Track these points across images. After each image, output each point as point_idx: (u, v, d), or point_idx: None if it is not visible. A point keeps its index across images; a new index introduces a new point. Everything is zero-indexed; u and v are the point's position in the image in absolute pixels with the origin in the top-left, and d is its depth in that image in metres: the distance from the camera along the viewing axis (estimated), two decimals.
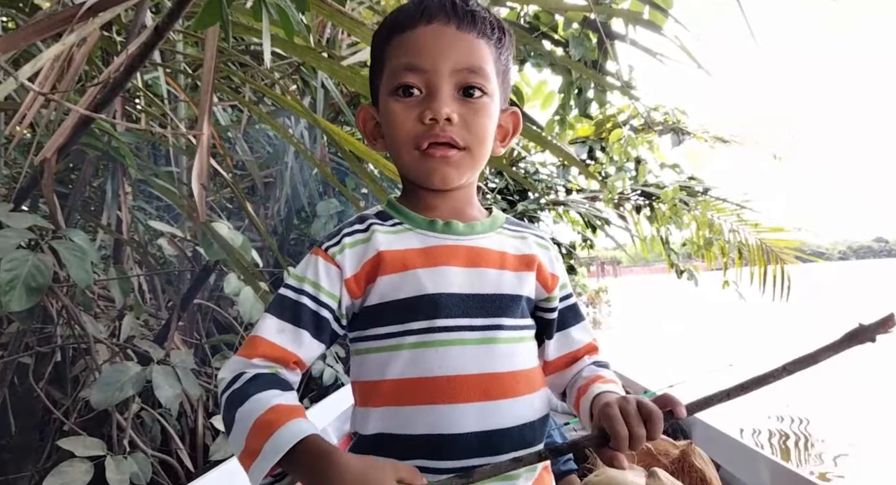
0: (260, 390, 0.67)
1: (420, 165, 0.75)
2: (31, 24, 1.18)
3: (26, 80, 1.07)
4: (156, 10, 2.03)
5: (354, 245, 0.75)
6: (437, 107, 0.72)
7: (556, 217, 5.75)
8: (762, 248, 5.33)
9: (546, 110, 3.88)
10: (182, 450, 2.11)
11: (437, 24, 0.74)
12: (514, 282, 0.77)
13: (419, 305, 0.72)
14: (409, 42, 0.74)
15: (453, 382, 0.70)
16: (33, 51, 1.70)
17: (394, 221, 0.78)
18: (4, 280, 1.33)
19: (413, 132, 0.73)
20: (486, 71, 0.75)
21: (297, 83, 2.92)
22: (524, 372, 0.75)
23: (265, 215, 3.35)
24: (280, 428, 0.63)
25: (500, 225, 0.82)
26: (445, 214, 0.78)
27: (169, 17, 1.26)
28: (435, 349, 0.71)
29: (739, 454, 1.70)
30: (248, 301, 1.96)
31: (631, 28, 2.35)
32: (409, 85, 0.73)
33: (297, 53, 1.83)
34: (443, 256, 0.75)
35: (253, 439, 0.64)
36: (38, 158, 1.43)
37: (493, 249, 0.78)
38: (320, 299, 0.73)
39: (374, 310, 0.74)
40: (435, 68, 0.73)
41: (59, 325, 1.93)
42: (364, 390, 0.75)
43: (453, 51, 0.73)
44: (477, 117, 0.74)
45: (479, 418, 0.70)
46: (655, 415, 0.64)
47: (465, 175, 0.77)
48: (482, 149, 0.77)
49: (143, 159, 2.36)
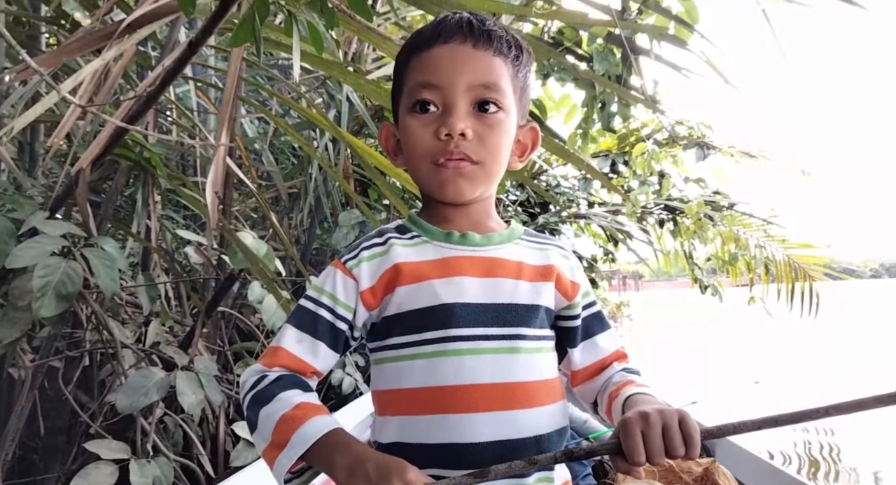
0: (284, 390, 0.71)
1: (434, 178, 0.77)
2: (74, 41, 1.23)
3: (67, 93, 1.11)
4: (189, 26, 2.10)
5: (372, 258, 0.77)
6: (451, 122, 0.73)
7: (577, 230, 5.72)
8: (790, 264, 5.23)
9: (569, 123, 3.89)
10: (203, 455, 2.13)
11: (454, 44, 0.76)
12: (530, 292, 0.77)
13: (434, 314, 0.73)
14: (427, 61, 0.77)
15: (469, 391, 0.71)
16: (72, 65, 1.76)
17: (412, 233, 0.80)
18: (37, 286, 1.37)
19: (430, 148, 0.75)
20: (502, 87, 0.76)
21: (322, 97, 2.98)
22: (541, 382, 0.75)
23: (289, 225, 3.40)
24: (307, 422, 0.67)
25: (519, 236, 0.83)
26: (463, 227, 0.80)
27: (202, 33, 1.30)
28: (450, 358, 0.72)
29: (765, 474, 1.67)
30: (271, 309, 1.99)
31: (655, 43, 2.35)
32: (426, 101, 0.75)
33: (323, 68, 1.87)
34: (458, 266, 0.76)
35: (279, 433, 0.67)
36: (75, 168, 1.48)
37: (510, 260, 0.79)
38: (337, 312, 0.76)
39: (391, 320, 0.76)
40: (450, 85, 0.75)
41: (87, 330, 1.97)
42: (382, 399, 0.77)
43: (469, 68, 0.75)
44: (492, 132, 0.76)
45: (495, 428, 0.70)
46: (678, 433, 0.62)
47: (479, 188, 0.78)
48: (496, 163, 0.78)
49: (172, 170, 2.42)
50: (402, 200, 2.15)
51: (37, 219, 1.49)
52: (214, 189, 1.50)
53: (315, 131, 3.14)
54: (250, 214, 3.53)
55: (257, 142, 2.86)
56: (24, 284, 1.51)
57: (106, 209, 1.94)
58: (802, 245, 5.27)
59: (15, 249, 1.39)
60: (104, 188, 2.25)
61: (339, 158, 3.15)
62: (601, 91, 2.76)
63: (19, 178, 1.75)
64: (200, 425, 2.32)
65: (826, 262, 5.24)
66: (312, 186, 3.10)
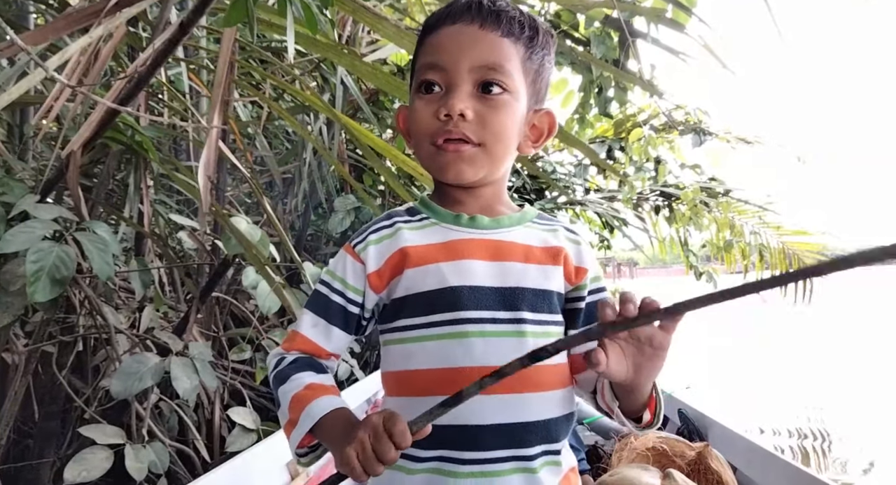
0: (298, 371, 0.75)
1: (435, 160, 0.77)
2: (61, 18, 1.20)
3: (53, 71, 1.09)
4: (180, 6, 2.06)
5: (380, 241, 0.78)
6: (452, 103, 0.73)
7: (573, 217, 5.72)
8: (784, 251, 5.24)
9: (566, 108, 3.87)
10: (199, 440, 2.14)
11: (461, 24, 0.76)
12: (539, 276, 0.77)
13: (442, 297, 0.73)
14: (434, 42, 0.77)
15: (477, 373, 0.68)
16: (60, 45, 1.73)
17: (422, 215, 0.81)
18: (30, 271, 1.36)
19: (430, 128, 0.75)
20: (508, 69, 0.75)
21: (316, 80, 2.94)
22: (551, 367, 0.75)
23: (283, 211, 3.38)
24: (314, 401, 0.70)
25: (530, 219, 0.83)
26: (473, 210, 0.80)
27: (194, 14, 1.28)
28: (459, 341, 0.72)
29: (757, 457, 1.68)
30: (265, 294, 1.98)
31: (653, 27, 2.33)
32: (431, 82, 0.76)
33: (318, 50, 1.84)
34: (465, 249, 0.76)
35: (292, 411, 0.71)
36: (65, 151, 1.46)
37: (518, 243, 0.78)
38: (347, 295, 0.78)
39: (400, 302, 0.76)
40: (454, 66, 0.74)
41: (81, 315, 1.96)
42: (391, 380, 0.77)
43: (473, 49, 0.74)
44: (495, 114, 0.74)
45: (503, 411, 0.70)
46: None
47: (482, 171, 0.77)
48: (500, 145, 0.76)
49: (164, 154, 2.39)
50: (398, 183, 2.13)
51: (27, 203, 1.47)
52: (207, 173, 1.48)
53: (309, 116, 3.10)
54: (244, 199, 3.50)
55: (250, 126, 2.83)
56: (16, 269, 1.49)
57: (98, 193, 1.92)
58: (797, 232, 5.26)
59: (6, 233, 1.37)
60: (95, 172, 2.23)
61: (334, 142, 3.12)
62: (598, 75, 2.74)
63: (9, 161, 1.72)
64: (196, 411, 2.32)
65: (820, 248, 5.24)
66: (307, 170, 3.08)
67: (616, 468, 1.62)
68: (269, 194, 3.56)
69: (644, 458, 1.71)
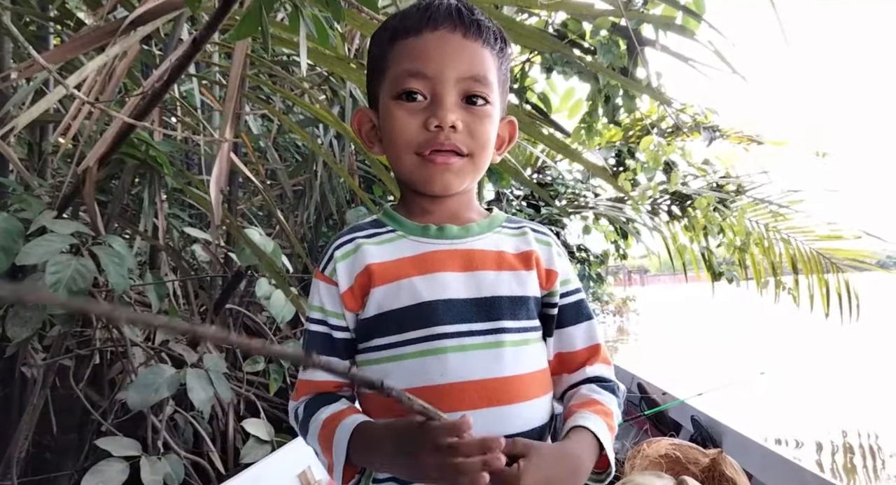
0: (311, 414, 0.75)
1: (420, 171, 0.75)
2: (78, 38, 1.23)
3: (73, 88, 1.11)
4: (192, 22, 2.10)
5: (345, 257, 0.77)
6: (442, 114, 0.72)
7: (585, 228, 5.64)
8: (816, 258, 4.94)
9: (574, 118, 3.88)
10: (213, 452, 2.15)
11: (443, 31, 0.74)
12: (513, 283, 0.76)
13: (417, 313, 0.72)
14: (415, 48, 0.74)
15: (456, 389, 0.70)
16: (77, 64, 1.77)
17: (388, 228, 0.79)
18: (49, 282, 1.37)
19: (416, 139, 0.73)
20: (490, 80, 0.75)
21: (326, 93, 2.97)
22: (531, 375, 0.74)
23: (295, 222, 3.40)
24: (335, 432, 0.70)
25: (499, 224, 0.81)
26: (441, 219, 0.78)
27: (206, 30, 1.30)
28: (436, 357, 0.71)
29: (772, 464, 1.66)
30: (279, 305, 2.00)
31: (662, 34, 2.33)
32: (414, 91, 0.73)
33: (327, 64, 1.86)
34: (437, 262, 0.75)
35: (325, 452, 0.72)
36: (81, 166, 1.48)
37: (490, 251, 0.77)
38: (329, 322, 0.77)
39: (373, 321, 0.74)
40: (440, 76, 0.72)
41: (97, 328, 1.99)
42: (369, 402, 0.76)
43: (458, 59, 0.73)
44: (481, 125, 0.74)
45: (486, 425, 0.68)
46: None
47: (466, 181, 0.77)
48: (484, 156, 0.77)
49: (177, 167, 2.42)
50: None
51: (45, 218, 1.50)
52: (218, 185, 1.50)
53: (319, 128, 3.14)
54: (257, 212, 3.53)
55: (261, 139, 2.87)
56: (34, 284, 1.52)
57: (113, 208, 1.95)
58: (830, 236, 4.91)
59: (25, 246, 1.39)
60: (111, 187, 2.26)
61: (344, 154, 3.15)
62: (605, 84, 2.75)
63: (27, 178, 1.76)
64: (210, 423, 2.33)
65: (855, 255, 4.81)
66: (318, 183, 3.10)
67: (629, 476, 1.61)
68: (281, 206, 3.59)
69: (657, 465, 1.70)
